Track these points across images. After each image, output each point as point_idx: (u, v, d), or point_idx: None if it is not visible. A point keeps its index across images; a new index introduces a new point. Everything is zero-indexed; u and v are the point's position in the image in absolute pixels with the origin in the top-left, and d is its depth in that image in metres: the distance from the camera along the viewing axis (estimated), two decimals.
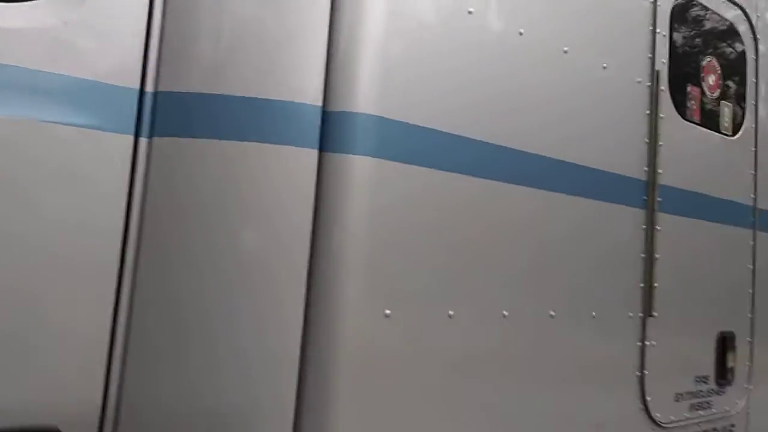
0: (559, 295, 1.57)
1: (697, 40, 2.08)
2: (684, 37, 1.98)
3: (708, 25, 2.11)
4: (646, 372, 1.78)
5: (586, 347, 1.65)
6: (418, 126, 1.29)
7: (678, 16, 1.95)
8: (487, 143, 1.41)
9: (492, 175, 1.42)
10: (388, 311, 1.23)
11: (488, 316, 1.42)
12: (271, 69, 1.23)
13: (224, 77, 1.21)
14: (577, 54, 1.63)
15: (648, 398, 1.78)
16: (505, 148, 1.44)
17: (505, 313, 1.44)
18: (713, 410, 2.01)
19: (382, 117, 1.25)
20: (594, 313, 1.65)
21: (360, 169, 1.23)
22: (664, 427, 1.83)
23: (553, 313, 1.55)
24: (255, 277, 1.18)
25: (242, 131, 1.20)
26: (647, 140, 1.82)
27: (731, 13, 2.17)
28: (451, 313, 1.34)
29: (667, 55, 1.89)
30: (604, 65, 1.72)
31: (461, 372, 1.37)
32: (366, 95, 1.25)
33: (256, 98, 1.20)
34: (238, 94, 1.19)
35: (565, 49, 1.61)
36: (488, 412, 1.43)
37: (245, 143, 1.20)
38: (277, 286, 1.19)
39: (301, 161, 1.20)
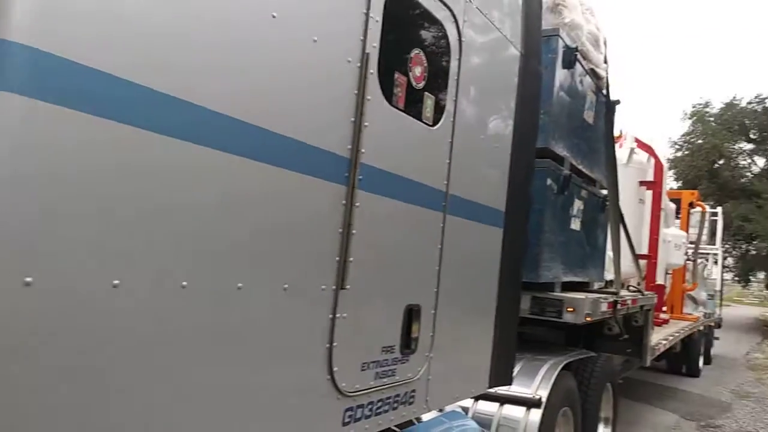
0: (248, 266, 1.53)
1: (408, 31, 2.21)
2: (396, 27, 2.07)
3: (419, 20, 2.24)
4: (335, 344, 1.84)
5: (274, 319, 1.64)
6: (84, 66, 1.12)
7: (392, 6, 2.03)
8: (174, 98, 1.30)
9: (175, 133, 1.30)
10: (28, 279, 1.05)
11: (164, 286, 1.32)
12: None
13: None
14: (285, 21, 1.59)
15: (335, 369, 1.84)
16: (192, 105, 1.34)
17: (184, 284, 1.35)
18: (397, 378, 2.17)
19: (37, 49, 1.06)
20: (286, 286, 1.65)
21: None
22: (348, 396, 1.91)
23: (240, 285, 1.50)
24: None
25: None
26: (353, 120, 1.87)
27: (441, 14, 2.34)
28: (116, 282, 1.20)
29: (379, 41, 1.96)
30: (315, 38, 1.71)
31: (124, 347, 1.24)
32: (17, 21, 1.05)
33: None
34: None
35: (274, 14, 1.56)
36: (162, 387, 1.33)
37: None
38: None
39: None
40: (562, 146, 4.55)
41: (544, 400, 3.74)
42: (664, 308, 11.29)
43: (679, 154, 33.90)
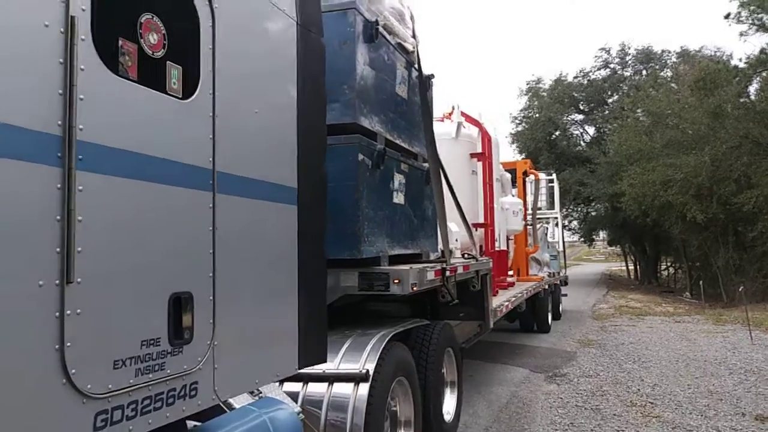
0: None
1: None
2: None
3: None
4: (68, 344, 1.64)
5: None
6: None
7: None
8: None
9: None
10: None
11: None
12: None
13: None
14: None
15: (72, 371, 1.65)
16: None
17: None
18: (168, 371, 2.01)
19: None
20: None
21: None
22: (98, 398, 1.73)
23: None
24: None
25: None
26: (61, 92, 1.67)
27: None
28: None
29: (90, 4, 1.76)
30: None
31: None
32: None
33: None
34: None
35: None
36: None
37: None
38: None
39: None
40: (374, 121, 4.57)
41: (371, 373, 3.74)
42: (510, 272, 11.95)
43: (520, 128, 36.20)
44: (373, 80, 4.56)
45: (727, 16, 21.02)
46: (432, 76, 5.97)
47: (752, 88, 22.23)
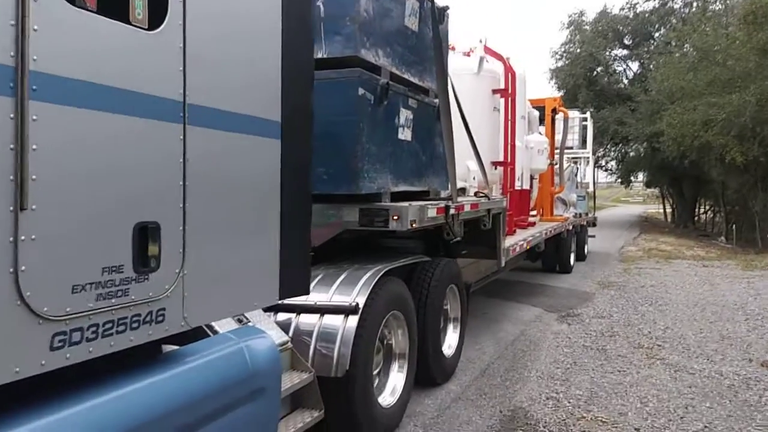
0: None
1: None
2: None
3: None
4: (22, 268, 1.72)
5: None
6: None
7: None
8: None
9: None
10: None
11: None
12: None
13: None
14: None
15: (27, 293, 1.73)
16: None
17: None
18: (132, 297, 2.09)
19: None
20: None
21: None
22: (55, 320, 1.82)
23: None
24: None
25: None
26: (13, 23, 1.69)
27: None
28: None
29: None
30: None
31: None
32: None
33: None
34: None
35: None
36: None
37: None
38: None
39: None
40: (378, 54, 4.49)
41: (361, 305, 3.83)
42: (534, 212, 11.87)
43: (560, 63, 35.02)
44: (378, 11, 4.45)
45: None
46: (447, 7, 5.78)
47: None
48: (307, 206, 3.16)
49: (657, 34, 33.64)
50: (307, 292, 3.17)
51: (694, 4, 31.90)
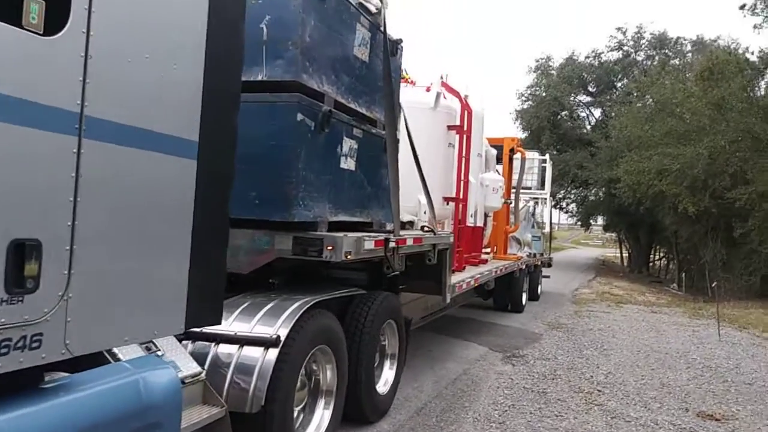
0: None
1: None
2: None
3: None
4: None
5: None
6: None
7: None
8: None
9: None
10: None
11: None
12: None
13: None
14: None
15: None
16: None
17: None
18: (2, 320, 1.91)
19: None
20: None
21: None
22: None
23: None
24: None
25: None
26: None
27: None
28: None
29: None
30: None
31: None
32: None
33: None
34: None
35: None
36: None
37: None
38: None
39: None
40: (322, 81, 4.41)
41: (283, 338, 3.66)
42: (487, 249, 11.87)
43: (526, 105, 35.75)
44: (323, 38, 4.39)
45: (742, 7, 20.54)
46: (400, 40, 5.78)
47: (763, 83, 21.88)
48: (224, 231, 3.02)
49: (619, 84, 34.69)
50: (218, 322, 3.00)
51: (656, 58, 33.08)
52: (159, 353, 3.23)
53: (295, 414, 4.05)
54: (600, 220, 43.72)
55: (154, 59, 2.48)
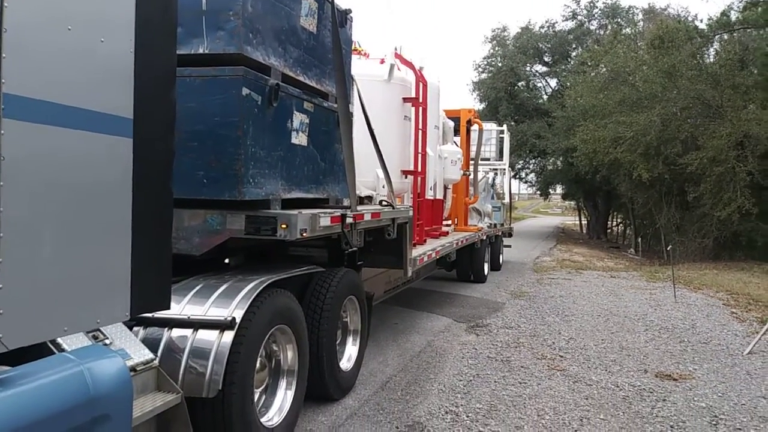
0: None
1: None
2: None
3: None
4: None
5: None
6: None
7: None
8: None
9: None
10: None
11: None
12: None
13: None
14: None
15: None
16: None
17: None
18: None
19: None
20: None
21: None
22: None
23: None
24: None
25: None
26: None
27: None
28: None
29: None
30: None
31: None
32: None
33: None
34: None
35: None
36: None
37: None
38: None
39: None
40: (268, 53, 4.26)
41: (238, 320, 3.57)
42: (448, 221, 11.89)
43: (483, 76, 35.79)
44: (267, 8, 4.22)
45: None
46: (349, 11, 5.63)
47: (711, 51, 22.32)
48: (167, 211, 2.88)
49: (574, 54, 34.99)
50: (167, 307, 2.88)
51: (609, 27, 33.43)
52: (107, 342, 3.10)
53: (256, 396, 3.97)
54: (559, 189, 44.45)
55: (77, 31, 2.31)
